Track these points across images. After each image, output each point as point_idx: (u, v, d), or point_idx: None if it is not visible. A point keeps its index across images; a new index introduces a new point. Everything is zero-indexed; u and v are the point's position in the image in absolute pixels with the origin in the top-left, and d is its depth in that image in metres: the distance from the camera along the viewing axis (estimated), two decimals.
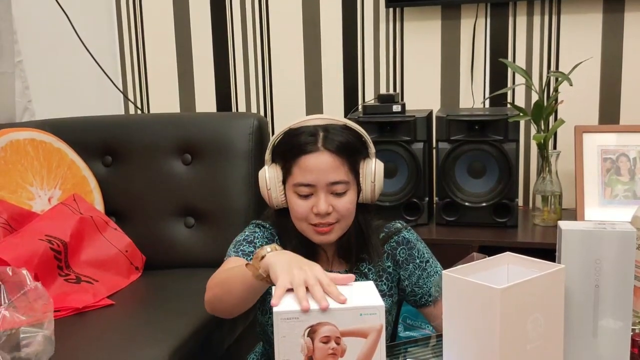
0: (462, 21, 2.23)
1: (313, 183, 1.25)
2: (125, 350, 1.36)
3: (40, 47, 2.19)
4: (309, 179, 1.25)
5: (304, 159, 1.25)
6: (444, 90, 2.29)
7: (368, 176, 1.29)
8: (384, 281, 1.35)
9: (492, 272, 0.99)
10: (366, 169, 1.29)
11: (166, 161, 1.89)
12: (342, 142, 1.26)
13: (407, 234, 1.38)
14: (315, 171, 1.24)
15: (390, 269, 1.36)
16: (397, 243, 1.36)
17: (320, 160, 1.24)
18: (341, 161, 1.25)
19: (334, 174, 1.24)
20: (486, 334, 0.88)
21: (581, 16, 2.13)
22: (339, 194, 1.25)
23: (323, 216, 1.25)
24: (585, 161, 1.99)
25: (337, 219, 1.26)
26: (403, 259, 1.36)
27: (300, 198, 1.27)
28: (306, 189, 1.25)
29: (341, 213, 1.26)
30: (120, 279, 1.74)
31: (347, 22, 2.34)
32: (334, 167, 1.24)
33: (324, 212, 1.24)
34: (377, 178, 1.29)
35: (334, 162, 1.24)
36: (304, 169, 1.25)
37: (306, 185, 1.25)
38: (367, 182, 1.29)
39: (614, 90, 2.14)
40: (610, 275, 0.95)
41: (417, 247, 1.37)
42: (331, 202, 1.25)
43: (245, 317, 1.77)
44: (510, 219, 1.97)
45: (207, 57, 2.50)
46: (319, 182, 1.24)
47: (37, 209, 1.72)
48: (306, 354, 0.89)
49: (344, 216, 1.27)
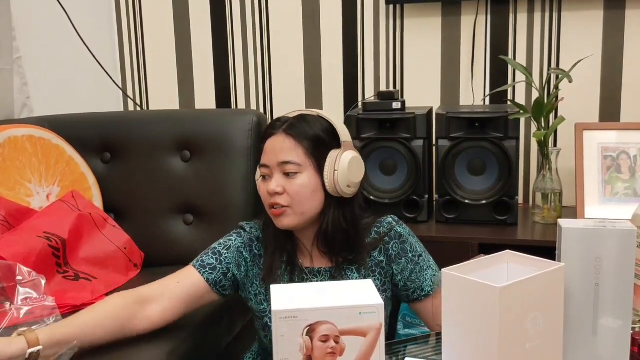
0: (463, 18, 2.23)
1: (267, 163, 1.30)
2: (123, 349, 1.35)
3: (38, 44, 2.18)
4: (264, 160, 1.31)
5: (267, 143, 1.31)
6: (444, 87, 2.28)
7: (331, 164, 1.29)
8: (377, 276, 1.35)
9: (492, 270, 0.98)
10: (332, 157, 1.30)
11: (165, 158, 1.89)
12: (304, 128, 1.29)
13: (399, 229, 1.37)
14: (269, 152, 1.30)
15: (384, 264, 1.36)
16: (389, 237, 1.36)
17: (276, 141, 1.29)
18: (296, 144, 1.28)
19: (285, 154, 1.28)
20: (485, 333, 0.88)
21: (582, 13, 2.12)
22: (291, 177, 1.28)
23: (273, 196, 1.28)
24: (585, 159, 1.99)
25: (288, 202, 1.28)
26: (396, 253, 1.35)
27: (262, 182, 1.32)
28: (264, 170, 1.31)
29: (292, 195, 1.28)
30: (118, 276, 1.74)
31: (347, 18, 2.34)
32: (287, 148, 1.28)
33: (272, 191, 1.28)
34: (340, 166, 1.29)
35: (288, 144, 1.28)
36: (265, 152, 1.31)
37: (263, 166, 1.31)
38: (330, 170, 1.29)
39: (614, 88, 2.13)
40: (611, 274, 0.95)
41: (409, 241, 1.37)
42: (283, 184, 1.28)
43: (244, 317, 1.77)
44: (510, 217, 1.96)
45: (207, 54, 2.50)
46: (271, 163, 1.29)
47: (35, 206, 1.72)
48: (305, 353, 0.89)
49: (295, 200, 1.28)
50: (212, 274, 1.35)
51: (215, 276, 1.35)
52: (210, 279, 1.35)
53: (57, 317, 1.27)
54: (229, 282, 1.37)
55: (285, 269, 1.35)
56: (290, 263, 1.35)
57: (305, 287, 0.99)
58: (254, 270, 1.38)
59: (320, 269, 1.36)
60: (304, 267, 1.36)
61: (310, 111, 1.34)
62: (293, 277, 1.34)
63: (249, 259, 1.37)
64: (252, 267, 1.38)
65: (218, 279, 1.35)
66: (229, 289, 1.38)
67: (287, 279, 1.34)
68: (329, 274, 1.35)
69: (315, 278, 1.35)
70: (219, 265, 1.36)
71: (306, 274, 1.36)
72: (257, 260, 1.38)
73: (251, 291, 1.38)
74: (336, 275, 1.34)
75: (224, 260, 1.36)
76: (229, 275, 1.36)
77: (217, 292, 1.36)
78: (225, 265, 1.36)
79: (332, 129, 1.32)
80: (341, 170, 1.28)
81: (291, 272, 1.35)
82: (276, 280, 1.33)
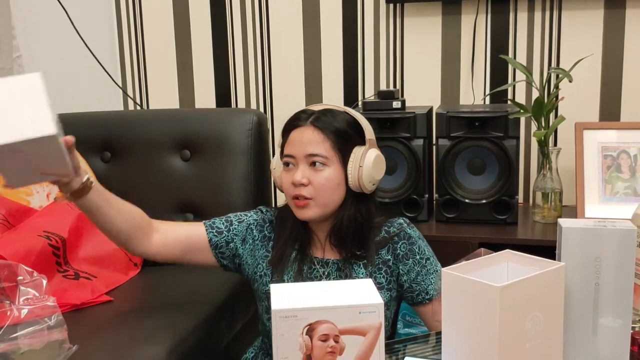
0: (463, 17, 2.23)
1: (293, 154, 1.31)
2: (123, 347, 1.36)
3: (38, 43, 2.18)
4: (290, 150, 1.32)
5: (292, 134, 1.32)
6: (444, 86, 2.28)
7: (356, 160, 1.31)
8: (382, 274, 1.36)
9: (492, 269, 0.98)
10: (357, 154, 1.32)
11: (165, 157, 1.89)
12: (331, 122, 1.31)
13: (409, 230, 1.39)
14: (296, 143, 1.31)
15: (390, 262, 1.36)
16: (398, 237, 1.37)
17: (303, 134, 1.31)
18: (324, 137, 1.30)
19: (313, 146, 1.29)
20: (485, 332, 0.88)
21: (582, 12, 2.12)
22: (317, 169, 1.29)
23: (298, 187, 1.29)
24: (585, 158, 1.98)
25: (311, 194, 1.30)
26: (403, 253, 1.36)
27: (285, 171, 1.33)
28: (289, 159, 1.32)
29: (316, 187, 1.29)
30: (118, 275, 1.74)
31: (347, 18, 2.34)
32: (315, 141, 1.30)
33: (297, 182, 1.29)
34: (365, 163, 1.31)
35: (316, 137, 1.30)
36: (290, 142, 1.32)
37: (288, 156, 1.32)
38: (354, 166, 1.31)
39: (614, 87, 2.13)
40: (611, 273, 0.95)
41: (418, 243, 1.38)
42: (308, 176, 1.29)
43: (244, 315, 1.77)
44: (510, 216, 1.96)
45: (207, 53, 2.50)
46: (298, 154, 1.30)
47: (35, 205, 1.72)
48: (305, 353, 0.89)
49: (319, 192, 1.30)
50: (216, 237, 1.39)
51: (219, 240, 1.39)
52: (213, 240, 1.38)
53: (57, 317, 1.27)
54: (230, 252, 1.40)
55: (295, 257, 1.37)
56: (301, 252, 1.37)
57: (305, 286, 0.99)
58: (260, 251, 1.40)
59: (328, 261, 1.37)
60: (314, 256, 1.38)
61: (336, 106, 1.37)
62: (302, 266, 1.36)
63: (257, 238, 1.40)
64: (260, 248, 1.40)
65: (220, 244, 1.39)
66: (227, 259, 1.40)
67: (296, 267, 1.36)
68: (337, 266, 1.36)
69: (322, 268, 1.37)
70: (226, 231, 1.39)
71: (314, 263, 1.37)
72: (265, 241, 1.40)
73: (257, 272, 1.39)
74: (343, 269, 1.36)
75: (232, 230, 1.40)
76: (231, 245, 1.39)
77: (215, 256, 1.40)
78: (232, 235, 1.39)
79: (357, 125, 1.35)
80: (366, 167, 1.31)
81: (300, 260, 1.36)
82: (284, 267, 1.35)
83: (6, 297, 1.33)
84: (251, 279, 1.41)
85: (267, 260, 1.39)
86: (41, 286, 1.36)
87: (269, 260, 1.38)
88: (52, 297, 1.32)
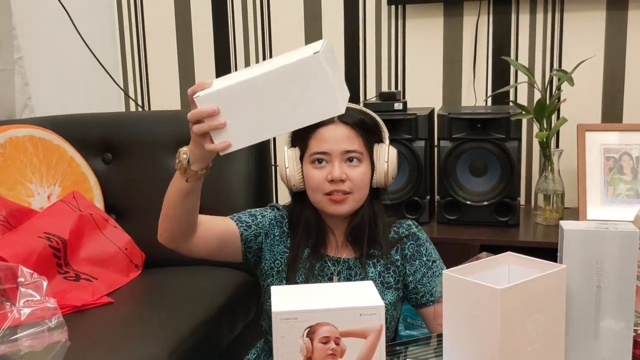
0: (465, 18, 2.22)
1: (328, 151, 1.30)
2: (124, 348, 1.35)
3: (40, 44, 2.18)
4: (324, 147, 1.30)
5: (321, 131, 1.31)
6: (446, 88, 2.28)
7: (382, 156, 1.33)
8: (390, 274, 1.36)
9: (493, 272, 0.98)
10: (380, 150, 1.34)
11: (166, 158, 1.89)
12: (358, 118, 1.32)
13: (417, 232, 1.40)
14: (330, 140, 1.30)
15: (398, 262, 1.37)
16: (406, 237, 1.38)
17: (336, 131, 1.30)
18: (356, 134, 1.31)
19: (349, 143, 1.30)
20: (486, 335, 0.87)
21: (584, 14, 2.12)
22: (353, 164, 1.30)
23: (337, 183, 1.29)
24: (587, 160, 1.98)
25: (350, 188, 1.30)
26: (411, 253, 1.37)
27: (316, 168, 1.31)
28: (322, 156, 1.31)
29: (355, 182, 1.30)
30: (119, 276, 1.74)
31: (349, 19, 2.33)
32: (349, 137, 1.30)
33: (337, 178, 1.29)
34: (390, 159, 1.33)
35: (349, 133, 1.30)
36: (320, 139, 1.31)
37: (322, 153, 1.31)
38: (380, 161, 1.33)
39: (617, 89, 2.13)
40: (612, 276, 0.94)
41: (425, 245, 1.39)
42: (345, 171, 1.30)
43: (245, 316, 1.77)
44: (511, 218, 1.96)
45: (208, 54, 2.50)
46: (333, 151, 1.30)
47: (36, 206, 1.72)
48: (305, 355, 0.88)
49: (358, 186, 1.31)
50: (246, 230, 1.37)
51: (249, 234, 1.37)
52: (244, 235, 1.37)
53: (58, 318, 1.27)
54: (256, 245, 1.39)
55: (309, 255, 1.36)
56: (315, 250, 1.37)
57: (305, 289, 0.98)
58: (279, 247, 1.39)
59: (339, 259, 1.37)
60: (327, 254, 1.38)
61: (354, 105, 1.36)
62: (314, 263, 1.35)
63: (277, 234, 1.40)
64: (279, 244, 1.39)
65: (250, 237, 1.38)
66: (252, 252, 1.39)
67: (308, 264, 1.35)
68: (347, 264, 1.36)
69: (334, 267, 1.36)
70: (254, 225, 1.38)
71: (326, 262, 1.37)
72: (284, 237, 1.40)
73: (274, 267, 1.38)
74: (354, 267, 1.36)
75: (259, 223, 1.39)
76: (259, 239, 1.38)
77: (242, 250, 1.38)
78: (258, 229, 1.38)
79: (376, 121, 1.37)
80: (391, 163, 1.33)
81: (313, 258, 1.36)
82: (297, 265, 1.35)
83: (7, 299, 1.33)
84: (266, 273, 1.40)
85: (285, 257, 1.38)
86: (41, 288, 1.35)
87: (287, 257, 1.38)
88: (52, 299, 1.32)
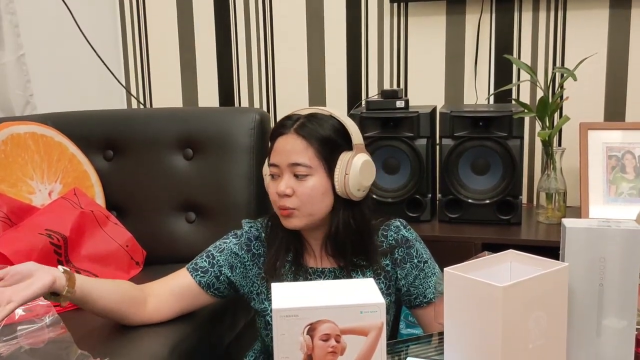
0: (467, 17, 2.22)
1: (277, 163, 1.28)
2: (125, 346, 1.35)
3: (42, 41, 2.18)
4: (274, 159, 1.29)
5: (277, 141, 1.29)
6: (448, 86, 2.27)
7: (342, 167, 1.27)
8: (381, 279, 1.34)
9: (495, 269, 0.98)
10: (343, 161, 1.28)
11: (168, 156, 1.88)
12: (316, 129, 1.27)
13: (406, 233, 1.36)
14: (280, 152, 1.28)
15: (389, 268, 1.35)
16: (395, 241, 1.35)
17: (287, 141, 1.27)
18: (307, 145, 1.26)
19: (297, 155, 1.26)
20: (488, 333, 0.87)
21: (587, 12, 2.11)
22: (300, 179, 1.26)
23: (282, 197, 1.27)
24: (590, 158, 1.97)
25: (296, 205, 1.27)
26: (401, 257, 1.35)
27: (271, 181, 1.30)
28: (273, 170, 1.29)
29: (300, 198, 1.26)
30: (120, 273, 1.73)
31: (351, 17, 2.33)
32: (298, 149, 1.26)
33: (281, 192, 1.26)
34: (352, 170, 1.27)
35: (299, 145, 1.26)
36: (275, 151, 1.29)
37: (272, 166, 1.29)
38: (341, 173, 1.27)
39: (619, 87, 2.12)
40: (615, 274, 0.94)
41: (415, 246, 1.36)
42: (292, 186, 1.26)
43: (247, 314, 1.76)
44: (514, 217, 1.95)
45: (210, 52, 2.49)
46: (281, 163, 1.27)
47: (37, 203, 1.71)
48: (306, 352, 0.88)
49: (304, 202, 1.27)
50: (203, 277, 1.35)
51: (208, 279, 1.35)
52: (202, 282, 1.35)
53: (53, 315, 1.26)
54: (223, 284, 1.37)
55: (290, 268, 1.34)
56: (295, 262, 1.34)
57: (306, 286, 0.98)
58: (253, 270, 1.37)
59: (324, 270, 1.35)
60: (309, 266, 1.35)
61: (323, 110, 1.32)
62: (297, 277, 1.33)
63: (247, 259, 1.37)
64: (252, 267, 1.37)
65: (210, 282, 1.35)
66: (224, 290, 1.37)
67: (291, 277, 1.34)
68: (333, 274, 1.34)
69: (319, 278, 1.35)
70: (211, 268, 1.35)
71: (310, 273, 1.35)
72: (256, 259, 1.37)
73: (252, 290, 1.37)
74: (340, 277, 1.33)
75: (216, 264, 1.36)
76: (221, 278, 1.36)
77: (212, 295, 1.37)
78: (218, 269, 1.36)
79: (344, 129, 1.30)
80: (352, 174, 1.27)
81: (295, 272, 1.34)
82: (279, 279, 1.32)
83: None
84: (248, 298, 1.39)
85: (260, 278, 1.36)
86: None
87: (264, 270, 1.35)
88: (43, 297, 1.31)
